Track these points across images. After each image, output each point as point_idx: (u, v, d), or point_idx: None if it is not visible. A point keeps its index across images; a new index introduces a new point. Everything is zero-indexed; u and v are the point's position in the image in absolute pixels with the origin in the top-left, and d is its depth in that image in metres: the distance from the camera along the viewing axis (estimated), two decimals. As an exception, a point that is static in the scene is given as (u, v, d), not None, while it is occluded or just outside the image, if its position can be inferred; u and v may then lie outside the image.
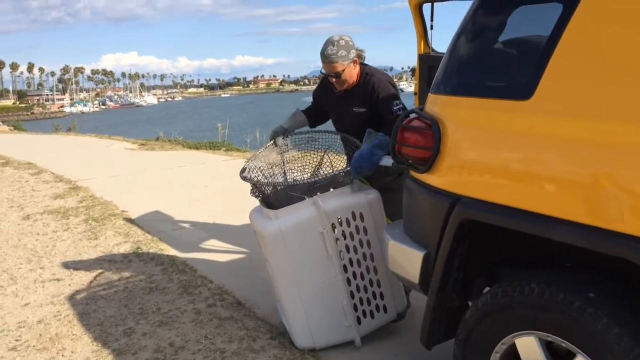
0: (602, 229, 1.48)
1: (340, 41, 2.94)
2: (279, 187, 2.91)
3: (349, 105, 3.05)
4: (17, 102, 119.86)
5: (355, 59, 2.98)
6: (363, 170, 2.72)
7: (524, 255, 1.97)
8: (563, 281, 1.66)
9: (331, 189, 2.87)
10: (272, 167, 3.16)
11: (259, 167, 3.09)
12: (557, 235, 1.60)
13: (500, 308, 1.79)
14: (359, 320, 2.84)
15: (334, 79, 3.01)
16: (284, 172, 3.15)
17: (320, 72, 3.04)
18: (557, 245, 1.62)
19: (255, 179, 2.99)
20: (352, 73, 2.99)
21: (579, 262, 1.79)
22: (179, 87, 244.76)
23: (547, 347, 1.70)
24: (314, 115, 3.33)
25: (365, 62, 3.11)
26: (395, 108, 2.95)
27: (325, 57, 2.94)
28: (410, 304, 3.11)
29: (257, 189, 2.94)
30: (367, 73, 3.04)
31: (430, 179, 2.04)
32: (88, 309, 3.44)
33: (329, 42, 2.95)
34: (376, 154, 2.67)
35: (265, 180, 3.05)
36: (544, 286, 1.65)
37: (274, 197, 2.92)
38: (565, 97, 1.65)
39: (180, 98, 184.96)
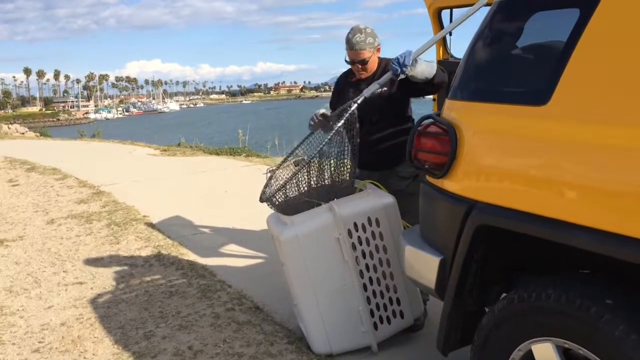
0: (621, 235, 1.46)
1: (367, 29, 3.02)
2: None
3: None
4: (43, 109, 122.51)
5: (379, 46, 3.06)
6: (406, 61, 2.71)
7: (541, 261, 1.96)
8: (580, 287, 1.65)
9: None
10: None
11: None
12: (574, 241, 1.59)
13: (516, 314, 1.79)
14: (375, 326, 2.84)
15: (359, 66, 3.05)
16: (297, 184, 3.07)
17: (345, 60, 3.07)
18: (575, 251, 1.61)
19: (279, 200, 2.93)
20: (375, 60, 3.07)
21: (596, 269, 1.77)
22: (201, 93, 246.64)
23: (564, 353, 1.68)
24: None
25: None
26: None
27: (353, 44, 3.00)
28: (427, 314, 3.09)
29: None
30: (383, 60, 3.11)
31: (446, 184, 2.04)
32: (109, 312, 3.50)
33: (357, 30, 3.01)
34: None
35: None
36: (560, 292, 1.64)
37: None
38: (582, 102, 1.64)
39: (202, 104, 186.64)
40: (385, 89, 3.00)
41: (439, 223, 2.14)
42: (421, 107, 3.09)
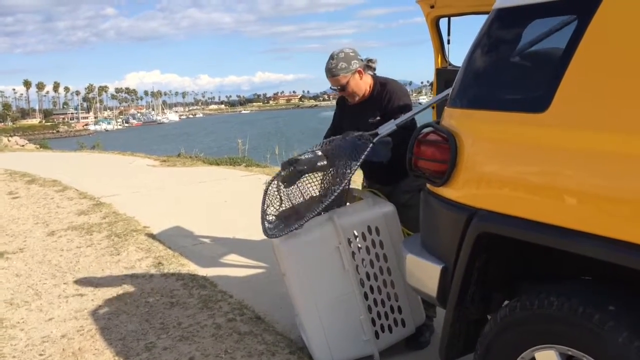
0: (622, 241, 1.46)
1: (340, 54, 2.97)
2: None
3: (364, 117, 3.03)
4: (43, 121, 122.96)
5: (360, 69, 2.98)
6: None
7: (543, 268, 1.95)
8: (582, 294, 1.64)
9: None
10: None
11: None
12: (575, 248, 1.59)
13: (519, 322, 1.78)
14: (377, 335, 2.83)
15: (342, 92, 3.03)
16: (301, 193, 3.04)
17: (330, 88, 3.07)
18: (577, 257, 1.60)
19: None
20: (358, 84, 2.99)
21: (599, 275, 1.77)
22: (200, 104, 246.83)
23: (568, 361, 1.67)
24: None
25: (386, 76, 3.12)
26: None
27: (326, 71, 2.99)
28: (434, 331, 3.06)
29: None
30: (380, 83, 3.05)
31: (447, 192, 2.04)
32: (110, 323, 3.48)
33: (331, 57, 2.99)
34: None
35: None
36: (563, 299, 1.63)
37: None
38: (581, 109, 1.64)
39: (201, 115, 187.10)
40: (378, 118, 2.96)
41: (440, 231, 2.13)
42: (420, 115, 3.07)
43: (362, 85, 3.01)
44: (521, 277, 2.01)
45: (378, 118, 2.98)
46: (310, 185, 3.01)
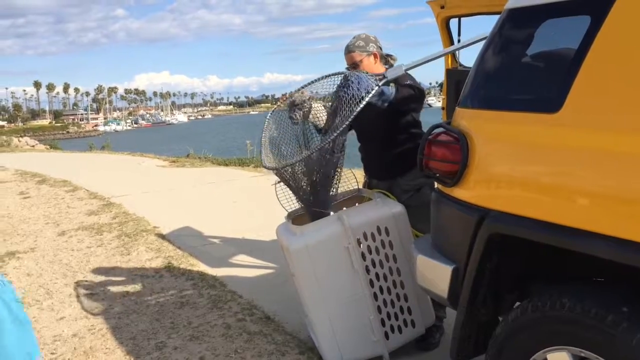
0: (635, 242, 1.45)
1: (362, 34, 3.04)
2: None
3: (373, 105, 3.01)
4: (53, 122, 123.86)
5: (375, 52, 3.00)
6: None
7: (555, 269, 1.94)
8: (595, 295, 1.63)
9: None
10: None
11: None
12: (588, 249, 1.58)
13: (531, 323, 1.77)
14: (387, 335, 2.82)
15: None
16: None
17: (346, 68, 3.07)
18: (589, 258, 1.60)
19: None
20: (370, 67, 2.99)
21: (612, 276, 1.76)
22: (208, 105, 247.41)
23: (580, 363, 1.66)
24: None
25: None
26: (406, 82, 2.90)
27: (345, 48, 3.04)
28: (444, 332, 3.05)
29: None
30: None
31: (458, 192, 2.03)
32: (121, 322, 3.50)
33: (353, 37, 3.05)
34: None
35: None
36: (575, 301, 1.62)
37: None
38: (594, 109, 1.64)
39: (210, 116, 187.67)
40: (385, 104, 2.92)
41: (451, 232, 2.13)
42: (430, 116, 3.06)
43: (375, 70, 3.00)
44: (533, 278, 2.00)
45: (386, 105, 2.96)
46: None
